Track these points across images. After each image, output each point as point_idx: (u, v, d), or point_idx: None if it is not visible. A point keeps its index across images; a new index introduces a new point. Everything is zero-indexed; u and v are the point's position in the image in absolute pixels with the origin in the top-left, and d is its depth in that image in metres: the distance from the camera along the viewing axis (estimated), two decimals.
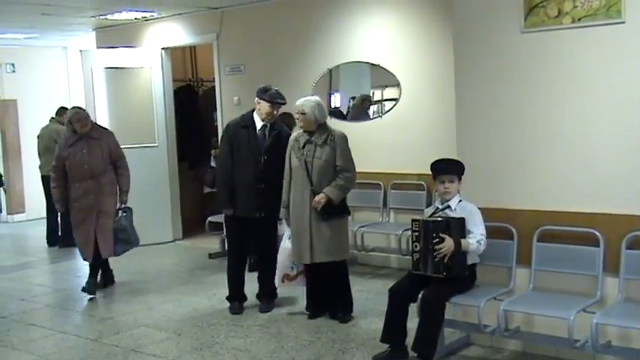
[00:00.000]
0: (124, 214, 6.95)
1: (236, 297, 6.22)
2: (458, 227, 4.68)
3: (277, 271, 5.95)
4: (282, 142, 5.95)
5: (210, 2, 8.39)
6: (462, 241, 4.64)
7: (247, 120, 6.04)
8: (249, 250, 6.32)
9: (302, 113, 5.60)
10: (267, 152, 5.95)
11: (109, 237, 6.82)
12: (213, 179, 8.58)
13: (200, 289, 6.99)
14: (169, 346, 5.41)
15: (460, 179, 4.85)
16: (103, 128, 7.22)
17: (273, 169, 5.91)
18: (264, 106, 5.92)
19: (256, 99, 5.99)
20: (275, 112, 5.97)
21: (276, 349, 5.21)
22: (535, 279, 4.76)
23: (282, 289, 6.25)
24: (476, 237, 4.68)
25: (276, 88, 6.00)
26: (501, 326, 4.50)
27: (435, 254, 4.61)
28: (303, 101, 5.65)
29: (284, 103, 5.99)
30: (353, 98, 7.89)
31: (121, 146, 7.02)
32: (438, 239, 4.61)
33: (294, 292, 6.46)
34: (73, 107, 6.94)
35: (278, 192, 5.89)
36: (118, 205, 6.94)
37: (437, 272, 4.63)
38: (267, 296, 6.21)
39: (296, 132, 5.90)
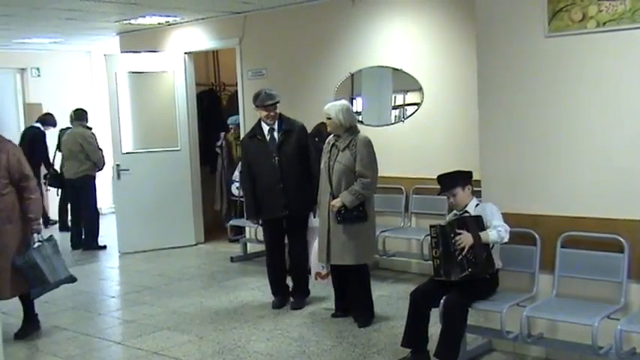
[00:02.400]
0: (38, 245, 5.59)
1: (277, 292, 6.40)
2: (474, 223, 4.65)
3: (311, 269, 6.17)
4: (293, 137, 6.18)
5: (232, 7, 8.42)
6: (482, 234, 4.61)
7: (255, 129, 6.30)
8: (283, 248, 6.46)
9: (328, 118, 5.69)
10: (278, 152, 6.14)
11: (3, 277, 5.51)
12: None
13: (222, 293, 7.02)
14: (191, 349, 5.43)
15: (466, 185, 4.83)
16: (6, 140, 5.68)
17: (289, 166, 6.12)
18: (261, 112, 6.19)
19: (254, 108, 6.26)
20: (272, 113, 6.16)
21: (297, 354, 5.22)
22: (558, 285, 4.72)
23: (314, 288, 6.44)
24: (494, 226, 4.64)
25: (266, 90, 6.21)
26: (524, 332, 4.47)
27: (456, 253, 4.57)
28: (329, 105, 5.75)
29: (274, 103, 6.14)
30: None
31: (145, 150, 6.62)
32: (455, 235, 4.59)
33: (318, 293, 6.48)
34: None
35: (299, 189, 6.09)
36: (35, 237, 5.61)
37: (463, 270, 4.56)
38: (300, 293, 6.35)
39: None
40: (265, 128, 6.22)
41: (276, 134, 6.20)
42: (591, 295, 4.61)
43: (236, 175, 8.94)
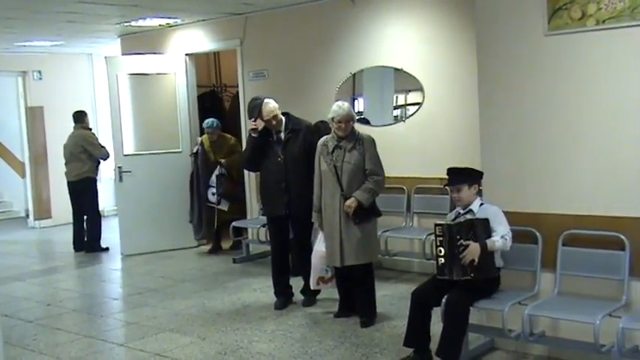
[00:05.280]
0: None
1: (279, 293, 6.44)
2: (482, 227, 4.64)
3: (312, 274, 6.11)
4: (300, 137, 6.20)
5: (233, 8, 8.43)
6: (488, 241, 4.61)
7: (263, 132, 6.30)
8: (288, 249, 6.50)
9: (347, 121, 5.62)
10: (284, 151, 6.19)
11: None
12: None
13: (224, 294, 7.02)
14: (194, 350, 5.43)
15: (473, 184, 4.83)
16: None
17: (293, 165, 6.15)
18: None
19: None
20: (268, 121, 6.10)
21: (299, 354, 5.22)
22: (560, 283, 4.72)
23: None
24: (499, 233, 4.64)
25: (251, 102, 6.26)
26: (526, 331, 4.47)
27: (460, 256, 4.58)
28: (347, 108, 5.65)
29: (254, 117, 6.13)
30: None
31: (146, 152, 6.72)
32: (462, 246, 4.56)
33: (319, 295, 6.47)
34: None
35: (303, 188, 6.04)
36: None
37: (465, 275, 4.58)
38: (310, 291, 6.37)
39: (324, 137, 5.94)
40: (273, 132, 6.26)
41: (282, 134, 6.23)
42: (593, 293, 4.60)
43: (212, 180, 8.82)
